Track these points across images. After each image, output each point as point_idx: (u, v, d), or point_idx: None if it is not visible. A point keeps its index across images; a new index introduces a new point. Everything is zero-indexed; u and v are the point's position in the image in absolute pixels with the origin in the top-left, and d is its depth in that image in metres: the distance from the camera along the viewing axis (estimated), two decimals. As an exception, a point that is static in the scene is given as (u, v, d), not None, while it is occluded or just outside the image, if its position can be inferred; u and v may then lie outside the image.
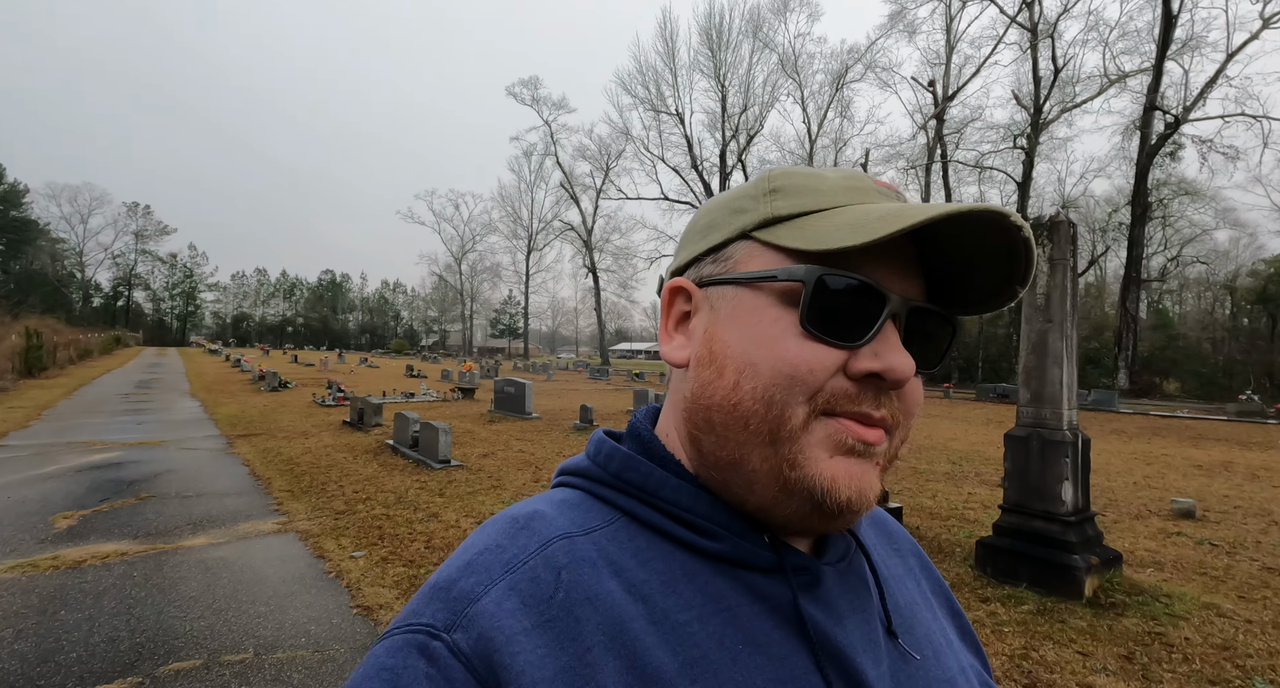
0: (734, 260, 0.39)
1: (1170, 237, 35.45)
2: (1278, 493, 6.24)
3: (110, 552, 4.28)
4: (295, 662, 2.88)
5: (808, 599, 0.37)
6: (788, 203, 0.38)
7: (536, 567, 0.34)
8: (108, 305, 68.64)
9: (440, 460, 7.10)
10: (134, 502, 5.61)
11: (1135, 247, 23.92)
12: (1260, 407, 14.48)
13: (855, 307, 0.35)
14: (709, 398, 0.37)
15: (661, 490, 0.39)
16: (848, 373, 0.35)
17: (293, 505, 5.56)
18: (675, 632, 0.34)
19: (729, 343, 0.37)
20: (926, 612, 0.47)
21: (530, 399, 11.40)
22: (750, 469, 0.36)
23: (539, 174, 56.18)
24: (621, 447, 0.42)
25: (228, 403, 14.19)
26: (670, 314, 0.42)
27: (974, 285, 0.38)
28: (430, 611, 0.33)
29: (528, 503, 0.40)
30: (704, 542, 0.37)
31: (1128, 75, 26.86)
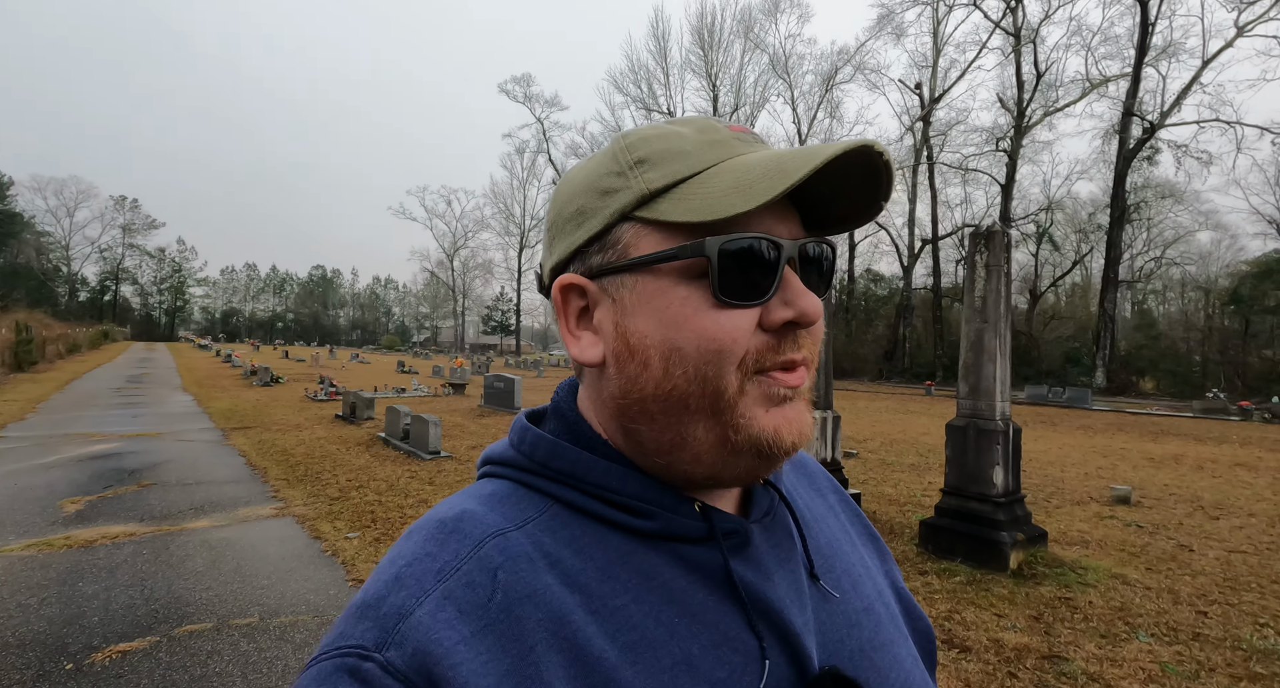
0: (623, 245, 0.38)
1: (1154, 238, 36.25)
2: (1214, 482, 6.69)
3: (119, 532, 4.57)
4: (297, 625, 3.21)
5: (738, 561, 0.38)
6: (659, 173, 0.37)
7: (471, 571, 0.34)
8: (94, 300, 68.00)
9: (430, 452, 7.41)
10: (136, 489, 5.88)
11: (1113, 248, 24.52)
12: (1224, 404, 15.07)
13: (756, 263, 0.35)
14: (641, 391, 0.37)
15: (590, 474, 0.39)
16: (764, 327, 0.36)
17: (289, 492, 5.86)
18: (613, 617, 0.34)
19: (645, 332, 0.37)
20: (846, 544, 0.49)
21: (519, 394, 11.72)
22: (696, 443, 0.37)
23: (531, 171, 56.33)
24: (545, 433, 0.42)
25: (220, 397, 14.38)
26: (568, 312, 0.41)
27: (840, 206, 0.39)
28: (359, 631, 0.32)
29: (454, 501, 0.40)
30: (636, 521, 0.38)
31: (1109, 80, 27.46)
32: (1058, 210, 35.20)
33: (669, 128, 0.39)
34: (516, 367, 33.25)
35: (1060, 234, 36.12)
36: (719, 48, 38.81)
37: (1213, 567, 3.90)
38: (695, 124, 0.40)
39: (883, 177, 0.36)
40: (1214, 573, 3.78)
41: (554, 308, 0.42)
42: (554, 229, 0.42)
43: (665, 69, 40.67)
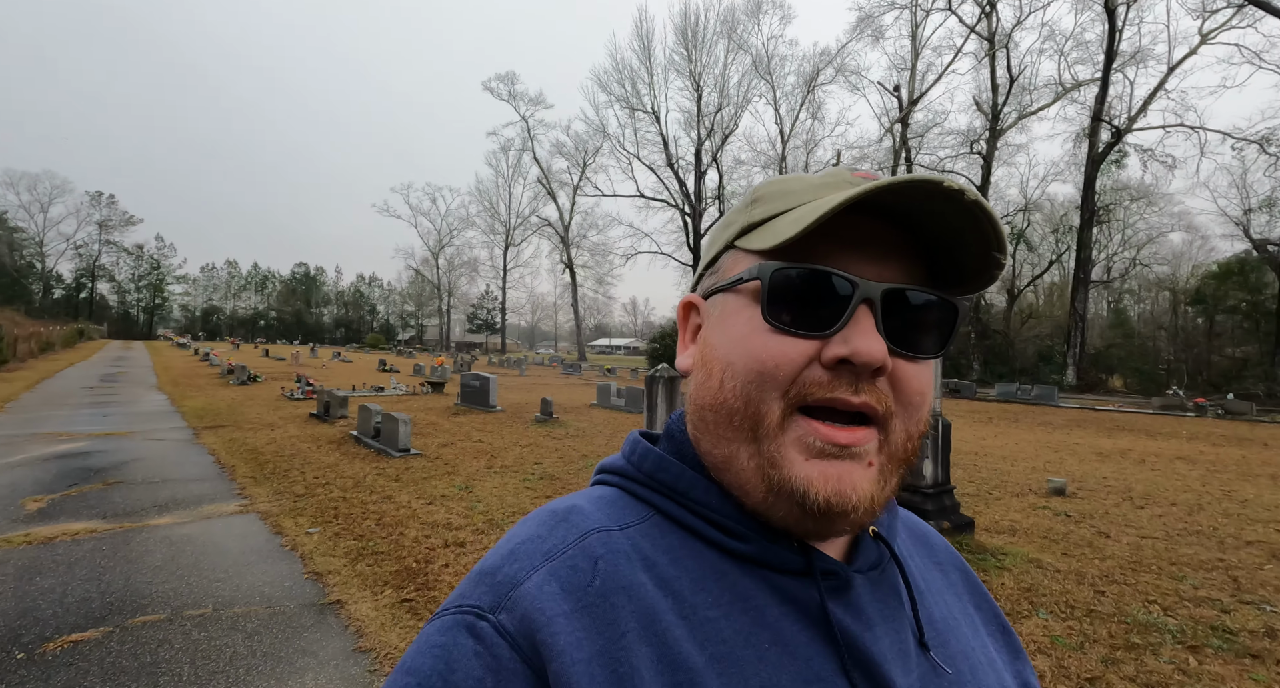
0: (722, 270, 0.41)
1: (1129, 239, 37.15)
2: (1151, 475, 7.02)
3: (80, 529, 4.65)
4: (249, 615, 3.33)
5: (836, 604, 0.37)
6: (763, 209, 0.39)
7: (575, 556, 0.36)
8: (70, 297, 66.61)
9: (400, 449, 7.52)
10: (101, 487, 5.93)
11: (1084, 249, 25.16)
12: (1181, 401, 15.60)
13: (822, 296, 0.35)
14: (702, 399, 0.39)
15: (692, 491, 0.40)
16: (822, 362, 0.36)
17: (255, 490, 5.95)
18: (703, 627, 0.35)
19: (715, 345, 0.39)
20: (967, 628, 0.46)
21: (494, 393, 11.82)
22: (740, 468, 0.37)
23: (517, 169, 56.18)
24: (655, 448, 0.43)
25: (195, 396, 14.30)
26: (686, 328, 0.44)
27: (961, 263, 0.38)
28: (477, 593, 0.35)
29: (566, 499, 0.42)
30: (732, 543, 0.38)
31: (1081, 84, 28.11)
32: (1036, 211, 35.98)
33: (799, 175, 0.41)
34: (500, 365, 33.24)
35: (1039, 234, 36.91)
36: (703, 48, 39.05)
37: (1123, 552, 4.16)
38: (828, 171, 0.41)
39: (986, 227, 0.34)
40: (1122, 557, 4.04)
41: (677, 323, 0.46)
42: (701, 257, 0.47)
43: (649, 68, 40.82)
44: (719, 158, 39.68)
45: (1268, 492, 6.18)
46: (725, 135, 39.45)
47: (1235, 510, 5.37)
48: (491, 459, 7.42)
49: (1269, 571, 3.82)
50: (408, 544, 4.37)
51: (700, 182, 39.51)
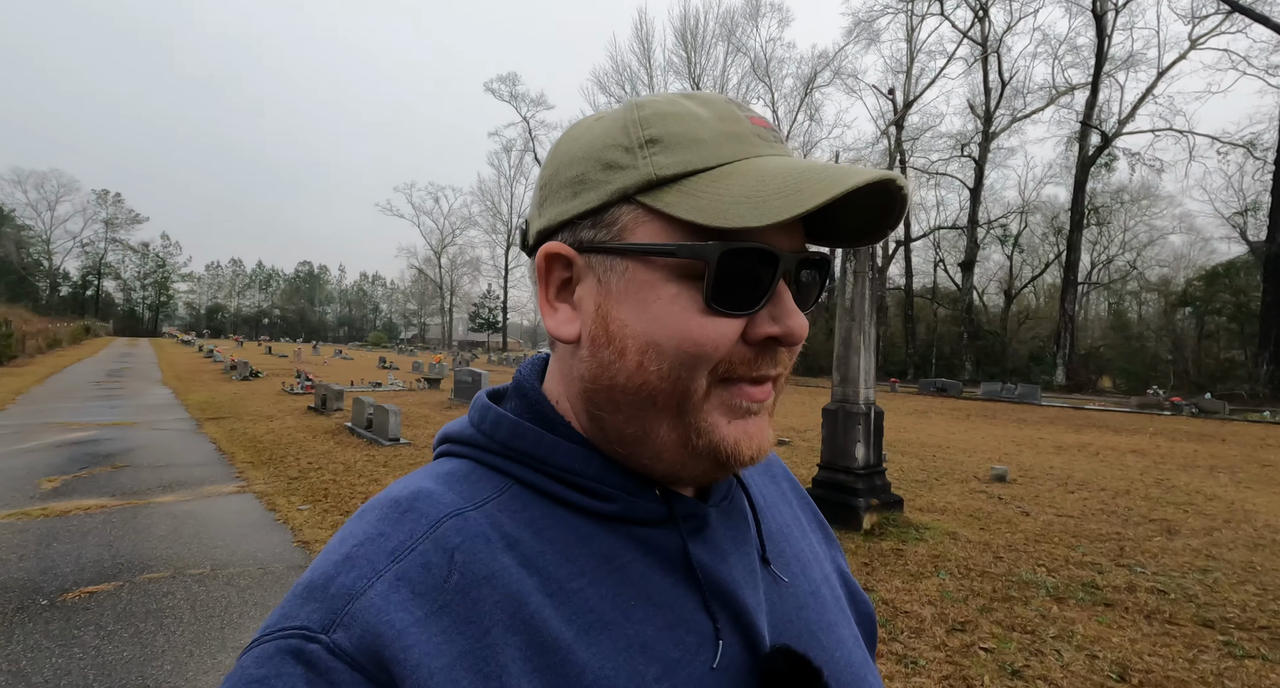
0: (619, 227, 0.36)
1: (1129, 241, 37.43)
2: (1097, 465, 7.42)
3: (92, 505, 5.10)
4: (243, 574, 3.78)
5: (695, 543, 0.39)
6: (670, 160, 0.35)
7: (427, 551, 0.33)
8: (76, 295, 67.46)
9: (390, 439, 7.97)
10: (110, 470, 6.39)
11: (1073, 252, 25.49)
12: (1158, 400, 15.95)
13: (750, 274, 0.35)
14: (611, 379, 0.37)
15: (553, 457, 0.38)
16: (746, 339, 0.35)
17: (253, 473, 6.40)
18: (570, 600, 0.34)
19: (627, 322, 0.36)
20: (797, 531, 0.50)
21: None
22: (659, 441, 0.37)
23: (519, 169, 56.70)
24: (507, 412, 0.41)
25: (199, 390, 14.79)
26: (550, 282, 0.39)
27: (846, 225, 0.38)
28: (304, 612, 0.31)
29: (410, 480, 0.39)
30: (597, 504, 0.38)
31: (1074, 88, 28.44)
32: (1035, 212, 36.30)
33: (686, 105, 0.37)
34: (500, 363, 33.73)
35: (1038, 235, 37.19)
36: (702, 50, 39.44)
37: (1035, 527, 4.58)
38: (716, 107, 0.38)
39: (896, 205, 0.36)
40: (1032, 531, 4.46)
41: (535, 274, 0.40)
42: (547, 189, 0.40)
43: (649, 70, 41.12)
44: (717, 159, 39.97)
45: (1197, 480, 6.58)
46: (723, 137, 39.76)
47: (1157, 495, 5.77)
48: (476, 448, 7.86)
49: (1156, 542, 4.23)
50: (389, 519, 4.81)
51: (698, 183, 39.83)
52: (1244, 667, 2.60)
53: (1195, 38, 24.47)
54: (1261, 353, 19.97)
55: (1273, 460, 8.08)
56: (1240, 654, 2.70)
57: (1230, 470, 7.27)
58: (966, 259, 29.44)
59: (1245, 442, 10.05)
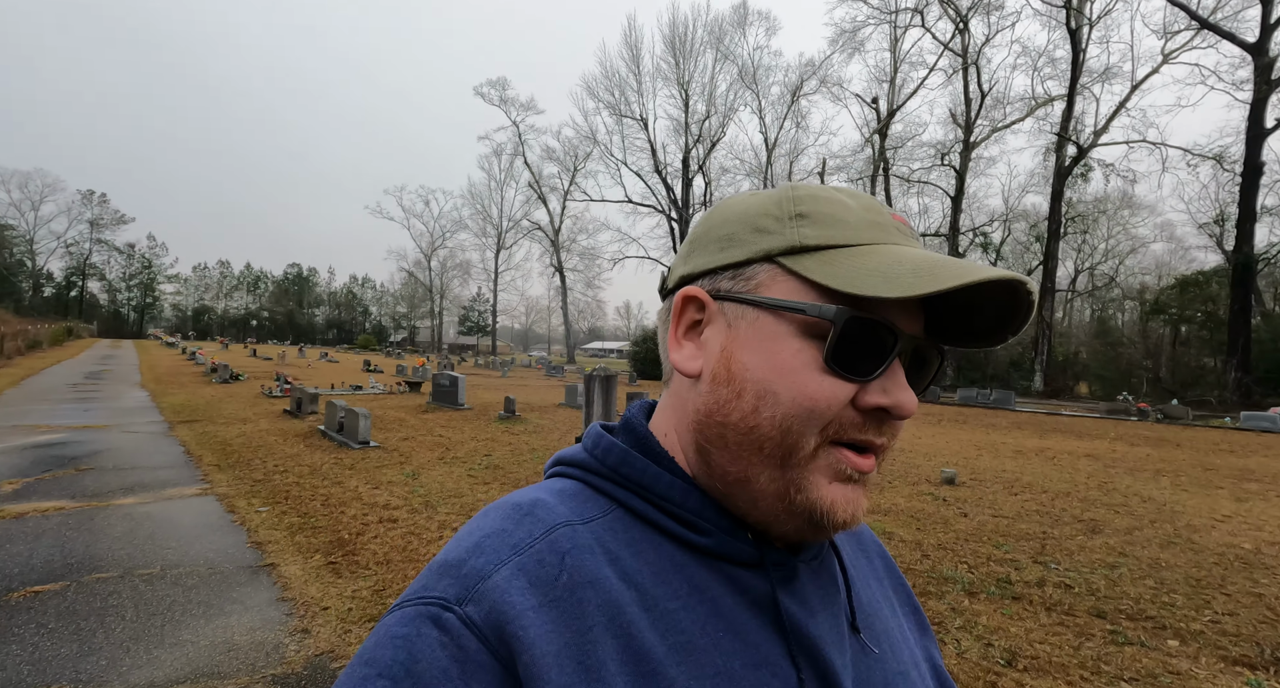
0: (756, 282, 0.40)
1: (1113, 249, 38.14)
2: (1049, 469, 7.63)
3: (49, 507, 5.16)
4: (191, 574, 3.87)
5: (784, 592, 0.40)
6: (815, 232, 0.39)
7: (542, 550, 0.37)
8: (60, 295, 66.61)
9: (360, 442, 8.05)
10: (74, 473, 6.43)
11: (1050, 260, 25.96)
12: (1127, 406, 16.31)
13: (871, 345, 0.37)
14: (725, 416, 0.39)
15: (655, 486, 0.41)
16: (856, 405, 0.38)
17: (217, 476, 6.46)
18: (664, 618, 0.37)
19: (749, 366, 0.39)
20: (887, 609, 0.51)
21: (463, 392, 12.36)
22: (758, 488, 0.39)
23: (509, 173, 56.82)
24: (618, 441, 0.44)
25: (176, 393, 14.75)
26: (680, 321, 0.43)
27: (970, 325, 0.41)
28: (441, 586, 0.35)
29: (528, 492, 0.42)
30: (692, 536, 0.40)
31: (1053, 99, 29.03)
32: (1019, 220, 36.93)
33: (836, 194, 0.42)
34: (486, 367, 33.71)
35: (1024, 242, 37.81)
36: (691, 57, 39.85)
37: (968, 527, 4.76)
38: (861, 200, 0.42)
39: (1022, 311, 0.37)
40: (964, 531, 4.63)
41: (669, 312, 0.44)
42: (696, 243, 0.44)
43: (638, 76, 41.46)
44: (706, 165, 40.44)
45: (1139, 484, 6.80)
46: (713, 143, 40.23)
47: (1095, 497, 5.98)
48: (445, 451, 7.95)
49: (1077, 541, 4.42)
50: (345, 521, 4.91)
51: (688, 188, 40.23)
52: (1122, 653, 2.77)
53: (1168, 52, 25.12)
54: (1230, 360, 20.45)
55: (1217, 465, 8.35)
56: (1121, 642, 2.88)
57: (1174, 474, 7.52)
58: (948, 266, 29.79)
59: (1199, 447, 10.34)
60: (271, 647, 2.95)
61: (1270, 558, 4.15)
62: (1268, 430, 13.05)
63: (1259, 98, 20.57)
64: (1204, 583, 3.63)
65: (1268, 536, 4.76)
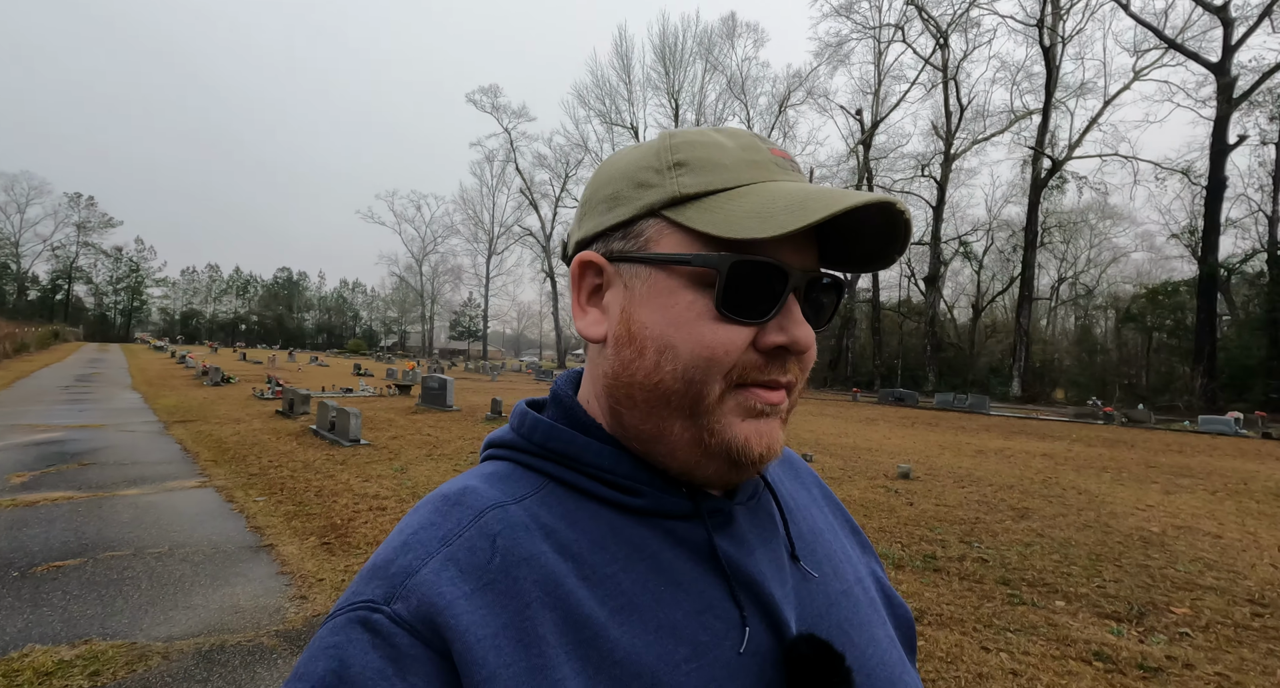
0: (645, 238, 0.40)
1: (1094, 258, 39.18)
2: (1002, 466, 8.14)
3: (59, 496, 5.50)
4: (198, 552, 4.24)
5: (722, 537, 0.41)
6: (694, 180, 0.39)
7: (472, 537, 0.37)
8: (45, 299, 66.05)
9: (351, 440, 8.40)
10: (77, 467, 6.75)
11: (1027, 269, 26.76)
12: (1094, 410, 16.95)
13: (762, 286, 0.38)
14: (630, 376, 0.40)
15: (584, 455, 0.42)
16: (756, 346, 0.38)
17: (215, 470, 6.81)
18: (603, 584, 0.37)
19: (647, 324, 0.39)
20: (829, 534, 0.52)
21: (451, 394, 12.73)
22: (672, 439, 0.40)
23: (500, 179, 57.28)
24: (543, 417, 0.45)
25: (168, 395, 14.98)
26: (582, 288, 0.44)
27: (857, 250, 0.42)
28: (369, 588, 0.35)
29: (457, 480, 0.42)
30: (627, 499, 0.41)
31: (1031, 113, 29.98)
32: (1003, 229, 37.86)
33: (714, 136, 0.42)
34: (477, 371, 34.01)
35: (1005, 252, 38.77)
36: (680, 67, 40.60)
37: (911, 514, 5.22)
38: (740, 138, 0.42)
39: (900, 231, 0.39)
40: (907, 517, 5.09)
41: (570, 280, 0.45)
42: (586, 206, 0.45)
43: (629, 85, 42.14)
44: (695, 174, 40.98)
45: (1082, 479, 7.32)
46: (701, 152, 40.83)
47: (1036, 490, 6.47)
48: (433, 449, 8.33)
49: (1004, 525, 4.89)
50: (338, 509, 5.29)
51: (676, 196, 40.73)
52: (1014, 611, 3.23)
53: (1139, 69, 26.12)
54: (1196, 367, 21.22)
55: (1161, 463, 8.90)
56: (1016, 603, 3.34)
57: (1117, 471, 8.05)
58: (930, 274, 30.63)
59: (1151, 447, 10.92)
60: (274, 610, 3.34)
61: (1170, 538, 4.64)
62: (1222, 433, 13.70)
63: (1221, 115, 21.49)
64: (1102, 558, 4.10)
65: (1177, 521, 5.26)
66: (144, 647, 2.87)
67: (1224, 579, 3.72)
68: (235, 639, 2.99)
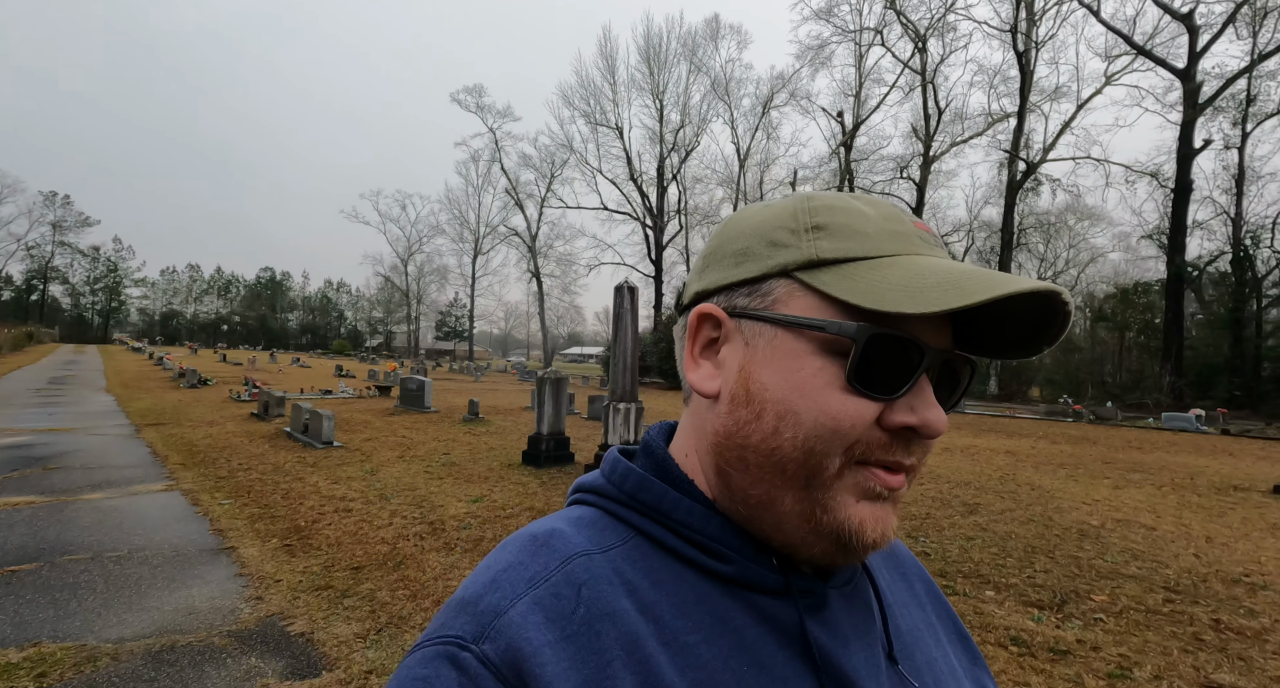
0: (773, 298, 0.39)
1: (1073, 258, 39.98)
2: (964, 463, 8.36)
3: (20, 501, 5.48)
4: (157, 555, 4.27)
5: (813, 622, 0.39)
6: (832, 245, 0.38)
7: (558, 583, 0.36)
8: (19, 299, 64.59)
9: (323, 442, 8.42)
10: (42, 472, 6.71)
11: (1004, 269, 27.20)
12: (1064, 408, 17.36)
13: (896, 362, 0.36)
14: (745, 438, 0.38)
15: (675, 512, 0.40)
16: (882, 424, 0.36)
17: (182, 474, 6.80)
18: (684, 653, 0.35)
19: (768, 386, 0.38)
20: (930, 638, 0.48)
21: (429, 395, 12.74)
22: (782, 511, 0.38)
23: (486, 179, 57.06)
24: (635, 467, 0.44)
25: (143, 398, 14.81)
26: (697, 339, 0.43)
27: (1002, 337, 0.39)
28: (458, 624, 0.35)
29: (545, 521, 0.42)
30: (714, 564, 0.39)
31: (1008, 115, 30.56)
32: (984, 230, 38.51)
33: (854, 203, 0.41)
34: (461, 372, 33.90)
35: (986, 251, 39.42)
36: (665, 68, 40.74)
37: (864, 511, 5.37)
38: (881, 208, 0.41)
39: (1058, 323, 0.36)
40: (858, 515, 5.25)
41: (685, 330, 0.43)
42: (710, 258, 0.43)
43: (614, 86, 42.18)
44: (681, 174, 41.30)
45: (1038, 475, 7.56)
46: (687, 152, 41.11)
47: (991, 486, 6.68)
48: (406, 450, 8.37)
49: (953, 520, 5.07)
50: (303, 511, 5.33)
51: (662, 196, 40.98)
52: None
53: (1110, 74, 26.73)
54: (1165, 365, 21.79)
55: (1117, 459, 9.20)
56: (949, 593, 3.49)
57: (1073, 467, 8.31)
58: (910, 275, 31.01)
59: (1113, 444, 11.25)
60: (228, 610, 3.40)
61: (1107, 531, 4.85)
62: (1184, 430, 14.12)
63: (1187, 120, 22.09)
64: (1038, 550, 4.29)
65: (1119, 515, 5.48)
66: (94, 649, 2.92)
67: (1146, 568, 3.91)
68: (186, 640, 3.05)
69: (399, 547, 4.33)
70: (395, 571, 3.89)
